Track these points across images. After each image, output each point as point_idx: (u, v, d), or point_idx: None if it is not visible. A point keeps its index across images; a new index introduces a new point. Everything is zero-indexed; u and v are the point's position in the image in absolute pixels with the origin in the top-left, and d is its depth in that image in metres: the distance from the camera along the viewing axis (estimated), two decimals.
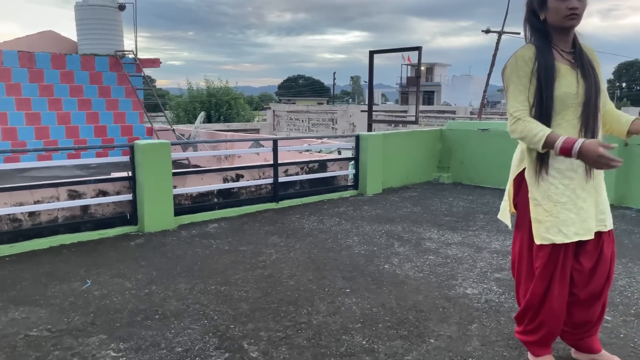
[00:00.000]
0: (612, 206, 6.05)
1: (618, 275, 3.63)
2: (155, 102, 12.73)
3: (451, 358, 2.48)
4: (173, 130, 12.02)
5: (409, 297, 3.23)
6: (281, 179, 5.95)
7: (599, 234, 2.18)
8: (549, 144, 1.97)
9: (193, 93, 22.11)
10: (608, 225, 2.19)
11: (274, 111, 20.53)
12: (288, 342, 2.61)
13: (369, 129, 10.52)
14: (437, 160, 7.83)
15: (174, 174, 5.01)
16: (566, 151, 1.92)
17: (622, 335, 2.71)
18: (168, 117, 14.03)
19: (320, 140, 9.59)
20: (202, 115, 13.43)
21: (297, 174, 6.29)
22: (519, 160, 2.25)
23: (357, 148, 6.71)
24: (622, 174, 5.93)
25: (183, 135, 12.07)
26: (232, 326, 2.80)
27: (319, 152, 8.08)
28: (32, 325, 2.81)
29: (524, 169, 2.22)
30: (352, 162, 6.80)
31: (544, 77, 2.05)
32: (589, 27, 2.36)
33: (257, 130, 17.89)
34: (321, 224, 5.12)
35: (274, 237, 4.61)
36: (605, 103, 2.20)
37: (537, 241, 2.15)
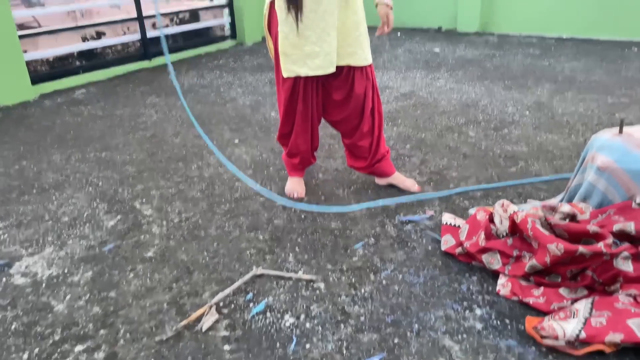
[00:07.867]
0: (477, 33, 6.43)
1: (481, 95, 3.99)
2: None
3: (336, 184, 2.66)
4: None
5: None
6: (150, 34, 5.43)
7: (351, 70, 2.22)
8: None
9: None
10: (358, 60, 2.18)
11: None
12: (182, 197, 2.62)
13: None
14: None
15: (21, 37, 4.35)
16: None
17: (483, 147, 3.07)
18: None
19: None
20: None
21: (167, 26, 5.77)
22: None
23: None
24: (486, 2, 6.20)
25: None
26: (120, 190, 2.73)
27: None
28: None
29: (273, 2, 2.14)
30: (227, 9, 6.34)
31: None
32: None
33: None
34: (201, 78, 4.89)
35: (152, 97, 4.35)
36: None
37: (285, 74, 2.16)
